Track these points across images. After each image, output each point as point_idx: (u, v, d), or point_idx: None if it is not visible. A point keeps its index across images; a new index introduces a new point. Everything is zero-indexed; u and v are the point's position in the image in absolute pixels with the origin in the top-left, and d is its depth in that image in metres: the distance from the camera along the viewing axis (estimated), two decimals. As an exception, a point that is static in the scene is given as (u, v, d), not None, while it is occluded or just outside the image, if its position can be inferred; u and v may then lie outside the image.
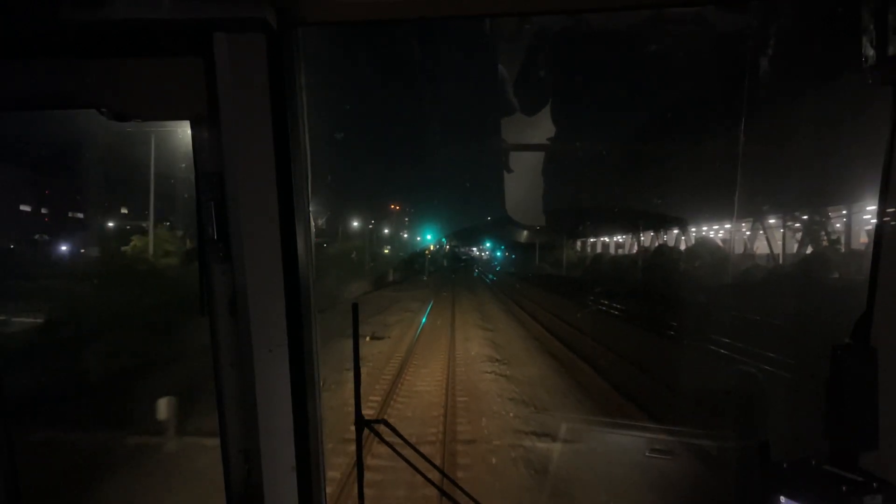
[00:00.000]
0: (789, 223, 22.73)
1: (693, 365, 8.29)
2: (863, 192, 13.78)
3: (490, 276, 53.16)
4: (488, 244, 77.47)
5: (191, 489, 5.37)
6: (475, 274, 58.28)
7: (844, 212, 19.58)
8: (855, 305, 1.42)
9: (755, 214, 22.75)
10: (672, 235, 30.13)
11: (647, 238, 33.14)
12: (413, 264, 49.56)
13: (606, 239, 42.55)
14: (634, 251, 33.81)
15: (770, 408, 5.15)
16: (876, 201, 1.38)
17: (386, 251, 46.89)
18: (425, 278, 44.82)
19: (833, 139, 10.50)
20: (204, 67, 1.28)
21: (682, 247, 27.31)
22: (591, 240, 44.78)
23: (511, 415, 8.45)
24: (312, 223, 1.51)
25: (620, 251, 38.71)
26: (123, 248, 18.00)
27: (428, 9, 1.36)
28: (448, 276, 50.09)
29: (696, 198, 19.04)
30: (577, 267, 38.12)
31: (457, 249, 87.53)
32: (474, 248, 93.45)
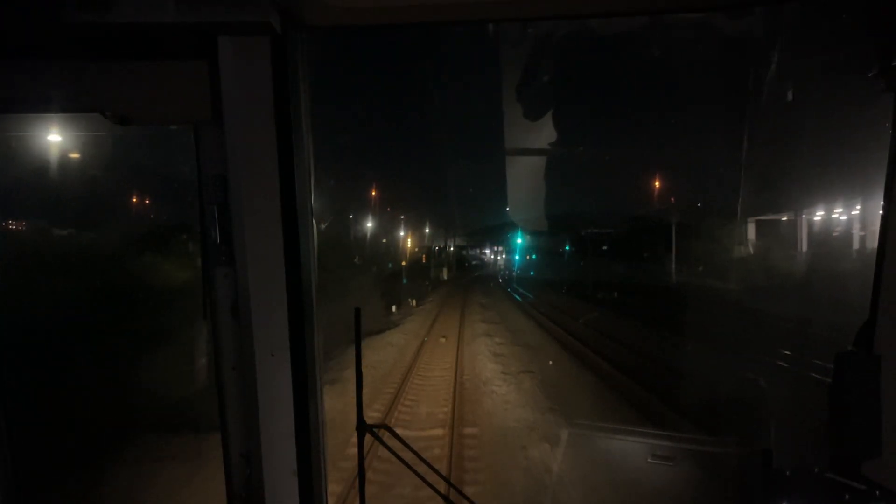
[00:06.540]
0: None
1: None
2: None
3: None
4: (519, 240, 52.79)
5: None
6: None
7: None
8: None
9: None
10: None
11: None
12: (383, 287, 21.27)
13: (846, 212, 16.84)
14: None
15: None
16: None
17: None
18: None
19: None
20: (208, 71, 1.29)
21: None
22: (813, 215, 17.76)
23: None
24: (315, 227, 1.51)
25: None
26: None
27: (430, 14, 1.36)
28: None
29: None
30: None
31: (465, 251, 72.59)
32: (486, 251, 79.39)
